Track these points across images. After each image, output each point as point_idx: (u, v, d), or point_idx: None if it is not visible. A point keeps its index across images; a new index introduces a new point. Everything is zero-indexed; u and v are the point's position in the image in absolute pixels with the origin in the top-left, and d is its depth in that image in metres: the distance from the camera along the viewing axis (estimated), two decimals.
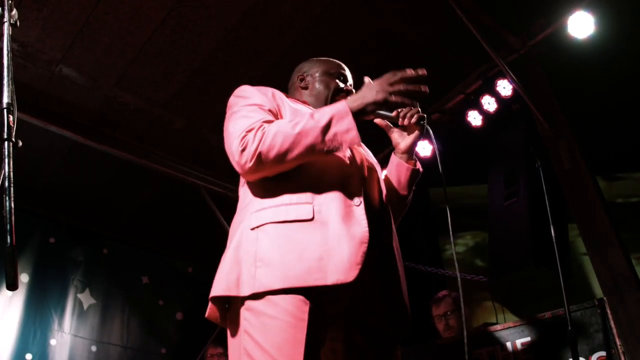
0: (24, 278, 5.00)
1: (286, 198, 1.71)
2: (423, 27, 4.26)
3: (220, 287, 1.66)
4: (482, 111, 4.54)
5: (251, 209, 1.76)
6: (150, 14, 3.90)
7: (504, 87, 4.40)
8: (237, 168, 1.75)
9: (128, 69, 4.27)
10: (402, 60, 4.35)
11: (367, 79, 1.81)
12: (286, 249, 1.60)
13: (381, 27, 4.22)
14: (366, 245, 1.61)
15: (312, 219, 1.65)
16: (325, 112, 1.71)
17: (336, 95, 2.12)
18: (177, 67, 4.32)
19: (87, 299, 5.35)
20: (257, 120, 1.76)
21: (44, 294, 5.08)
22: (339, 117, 1.70)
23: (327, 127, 1.68)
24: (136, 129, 4.79)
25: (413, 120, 1.96)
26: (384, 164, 2.14)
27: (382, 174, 2.02)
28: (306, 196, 1.70)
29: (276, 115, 1.85)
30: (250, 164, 1.69)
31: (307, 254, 1.58)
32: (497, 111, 4.48)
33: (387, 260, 1.81)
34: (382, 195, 1.92)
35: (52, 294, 5.13)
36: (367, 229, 1.64)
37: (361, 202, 1.70)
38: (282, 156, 1.68)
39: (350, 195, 1.72)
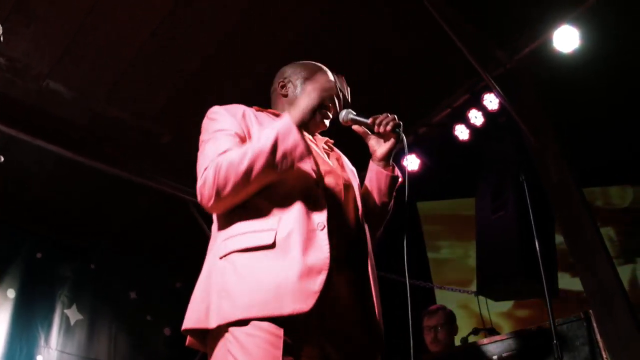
0: (10, 294, 4.95)
1: (251, 225, 1.72)
2: (411, 40, 4.28)
3: (191, 319, 1.68)
4: (469, 125, 4.57)
5: (221, 236, 1.78)
6: (138, 28, 3.91)
7: (491, 101, 4.43)
8: (203, 206, 1.78)
9: (116, 83, 4.26)
10: (389, 73, 4.48)
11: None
12: (247, 279, 1.62)
13: (369, 40, 4.24)
14: (326, 272, 1.60)
15: (273, 246, 1.65)
16: (270, 134, 1.69)
17: (321, 109, 2.04)
18: (166, 81, 4.32)
19: (74, 315, 5.30)
20: (219, 152, 1.78)
21: (31, 310, 5.03)
22: (284, 134, 1.68)
23: (274, 149, 1.67)
24: (124, 144, 4.77)
25: (388, 127, 1.96)
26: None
27: (358, 189, 2.00)
28: (270, 222, 1.70)
29: (244, 138, 1.86)
30: (211, 202, 1.74)
31: (266, 283, 1.60)
32: (484, 125, 4.51)
33: (361, 279, 1.82)
34: (358, 212, 1.91)
35: (38, 310, 5.09)
36: (328, 255, 1.63)
37: (324, 226, 1.68)
38: (238, 189, 1.71)
39: (314, 218, 1.70)
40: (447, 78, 4.62)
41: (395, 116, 1.99)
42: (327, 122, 2.12)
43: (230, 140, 1.83)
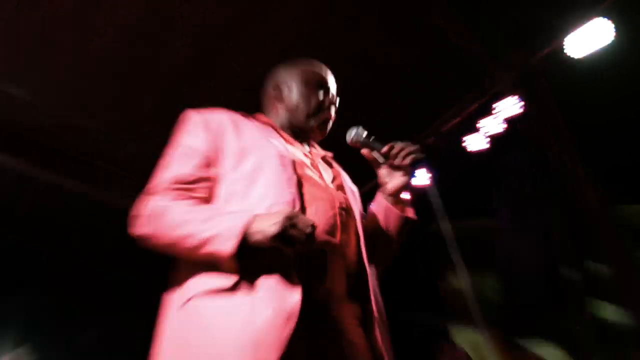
0: None
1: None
2: (417, 48, 4.14)
3: None
4: (480, 134, 4.43)
5: (179, 274, 1.59)
6: (112, 32, 3.68)
7: (504, 108, 4.30)
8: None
9: (88, 91, 4.05)
10: (397, 82, 4.27)
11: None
12: (206, 332, 1.45)
13: (377, 46, 4.08)
14: (295, 319, 1.40)
15: (237, 286, 1.46)
16: (217, 224, 1.49)
17: (318, 113, 1.92)
18: (143, 88, 4.11)
19: None
20: (170, 176, 1.64)
21: None
22: (222, 240, 1.46)
23: (200, 245, 1.48)
24: (97, 153, 4.61)
25: (406, 161, 1.77)
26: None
27: (359, 213, 1.80)
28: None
29: (213, 161, 1.68)
30: (136, 235, 1.60)
31: (225, 335, 1.42)
32: (499, 135, 4.34)
33: (366, 315, 1.65)
34: (358, 240, 1.71)
35: None
36: (299, 298, 1.43)
37: (296, 263, 1.48)
38: (161, 250, 1.58)
39: (286, 253, 1.48)
40: (457, 85, 4.45)
41: (418, 146, 1.79)
42: (327, 126, 1.98)
43: (189, 163, 1.67)
